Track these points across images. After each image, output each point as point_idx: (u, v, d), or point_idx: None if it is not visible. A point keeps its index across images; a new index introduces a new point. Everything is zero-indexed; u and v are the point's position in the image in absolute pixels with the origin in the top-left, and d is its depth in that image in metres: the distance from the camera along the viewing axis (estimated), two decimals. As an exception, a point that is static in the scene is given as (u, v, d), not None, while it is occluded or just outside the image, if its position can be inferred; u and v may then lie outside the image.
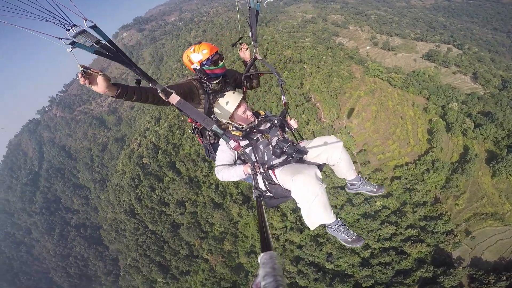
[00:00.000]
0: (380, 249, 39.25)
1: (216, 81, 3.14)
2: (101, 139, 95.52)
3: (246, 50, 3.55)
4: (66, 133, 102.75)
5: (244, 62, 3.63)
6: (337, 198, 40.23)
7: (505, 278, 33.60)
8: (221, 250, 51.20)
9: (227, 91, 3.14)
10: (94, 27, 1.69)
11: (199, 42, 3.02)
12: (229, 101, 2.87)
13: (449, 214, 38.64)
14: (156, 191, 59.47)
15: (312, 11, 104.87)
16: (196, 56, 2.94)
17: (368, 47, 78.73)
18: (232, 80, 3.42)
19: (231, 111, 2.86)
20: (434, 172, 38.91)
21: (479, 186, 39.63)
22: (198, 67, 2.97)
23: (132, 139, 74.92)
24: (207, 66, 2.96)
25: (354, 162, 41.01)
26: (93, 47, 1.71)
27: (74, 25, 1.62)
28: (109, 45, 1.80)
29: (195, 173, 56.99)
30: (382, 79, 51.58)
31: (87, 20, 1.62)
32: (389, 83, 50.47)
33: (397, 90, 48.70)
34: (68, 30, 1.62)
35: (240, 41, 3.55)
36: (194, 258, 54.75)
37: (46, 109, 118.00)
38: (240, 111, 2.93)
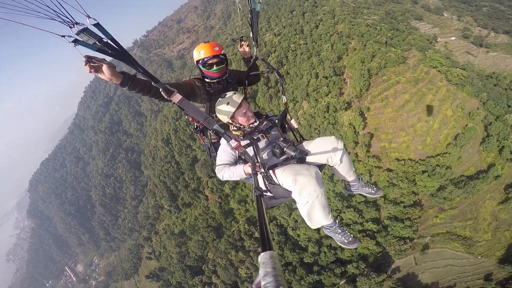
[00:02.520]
0: (337, 232, 40.21)
1: (216, 81, 3.25)
2: (166, 78, 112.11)
3: (247, 46, 3.69)
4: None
5: (244, 59, 3.80)
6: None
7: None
8: (221, 191, 59.09)
9: (229, 91, 3.22)
10: (97, 25, 1.80)
11: (208, 41, 3.15)
12: (230, 102, 2.96)
13: (416, 222, 37.05)
14: (190, 126, 69.95)
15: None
16: (195, 54, 3.14)
17: (452, 38, 68.47)
18: (234, 81, 3.54)
19: (232, 112, 2.96)
20: (428, 176, 36.39)
21: (477, 208, 36.07)
22: (196, 64, 3.18)
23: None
24: (201, 66, 3.14)
25: (356, 142, 41.06)
26: (95, 45, 1.83)
27: (77, 23, 1.73)
28: (112, 43, 1.90)
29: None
30: (439, 71, 46.50)
31: (90, 18, 1.76)
32: (445, 77, 45.39)
33: (449, 86, 43.67)
34: (71, 27, 1.72)
35: (242, 37, 3.70)
36: (199, 193, 64.49)
37: (130, 49, 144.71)
38: (241, 112, 3.02)
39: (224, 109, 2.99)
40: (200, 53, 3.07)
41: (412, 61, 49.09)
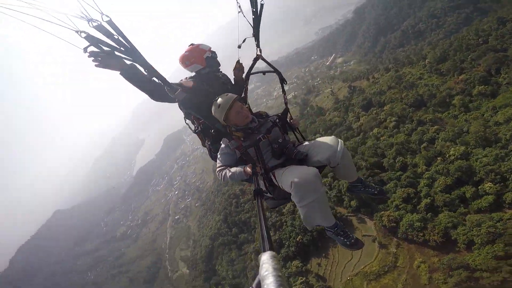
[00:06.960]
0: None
1: (213, 76, 3.73)
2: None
3: (241, 69, 3.96)
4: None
5: (234, 79, 4.02)
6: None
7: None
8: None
9: (226, 92, 3.46)
10: (109, 22, 1.99)
11: (192, 43, 3.66)
12: (222, 103, 3.13)
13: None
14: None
15: None
16: (206, 45, 3.64)
17: None
18: (227, 82, 3.91)
19: (224, 113, 3.12)
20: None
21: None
22: (210, 54, 3.56)
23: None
24: (213, 57, 3.66)
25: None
26: (105, 42, 2.02)
27: (92, 19, 1.93)
28: (123, 40, 2.08)
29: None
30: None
31: (103, 14, 1.95)
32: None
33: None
34: (88, 22, 1.92)
35: (239, 59, 3.97)
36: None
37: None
38: (233, 112, 3.16)
39: (217, 111, 3.16)
40: (206, 47, 3.65)
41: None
